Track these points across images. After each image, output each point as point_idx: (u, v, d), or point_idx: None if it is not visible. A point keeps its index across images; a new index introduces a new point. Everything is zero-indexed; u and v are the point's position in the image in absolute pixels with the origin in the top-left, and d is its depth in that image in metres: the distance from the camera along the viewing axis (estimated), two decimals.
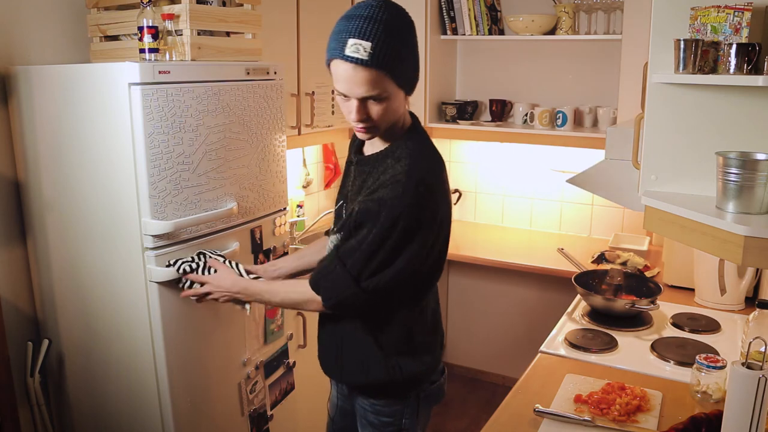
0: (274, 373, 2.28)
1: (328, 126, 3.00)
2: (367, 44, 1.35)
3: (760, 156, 1.37)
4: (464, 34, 3.34)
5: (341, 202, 1.66)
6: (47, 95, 1.86)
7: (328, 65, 1.43)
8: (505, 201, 3.61)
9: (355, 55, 1.36)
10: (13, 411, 1.89)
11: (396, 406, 1.65)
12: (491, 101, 3.39)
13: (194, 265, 1.80)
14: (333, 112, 3.03)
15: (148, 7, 1.81)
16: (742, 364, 1.24)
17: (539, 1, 3.29)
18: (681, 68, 1.42)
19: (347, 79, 1.39)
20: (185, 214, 1.85)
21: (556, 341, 2.05)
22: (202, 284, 1.78)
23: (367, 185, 1.53)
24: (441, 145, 2.29)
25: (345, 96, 1.43)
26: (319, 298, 1.55)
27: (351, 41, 1.36)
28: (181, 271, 1.79)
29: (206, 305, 1.88)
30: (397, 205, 1.43)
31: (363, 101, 1.42)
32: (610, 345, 1.99)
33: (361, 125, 1.47)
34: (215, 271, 1.78)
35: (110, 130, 1.76)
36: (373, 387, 1.65)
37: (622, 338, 2.05)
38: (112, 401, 1.97)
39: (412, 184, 1.44)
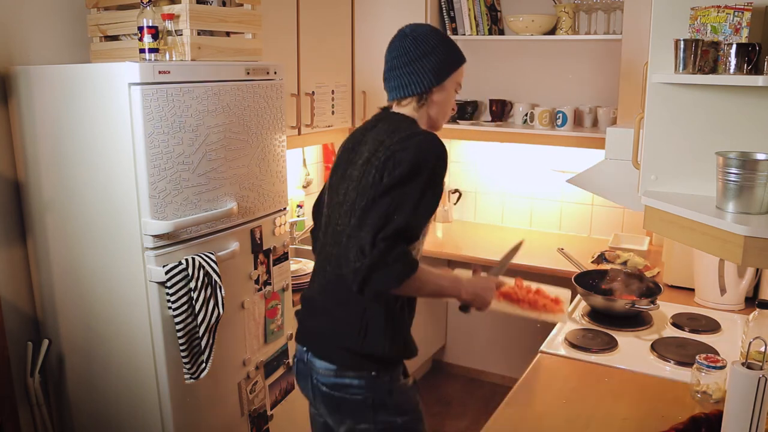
0: (274, 373, 2.28)
1: (328, 126, 3.00)
2: None
3: (760, 156, 1.37)
4: (464, 34, 3.33)
5: None
6: (47, 95, 1.86)
7: (452, 73, 1.75)
8: (505, 201, 3.61)
9: None
10: (13, 411, 1.89)
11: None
12: (491, 101, 3.39)
13: (189, 272, 1.80)
14: (333, 112, 3.03)
15: (148, 7, 1.81)
16: (742, 364, 1.24)
17: (539, 1, 3.29)
18: (681, 68, 1.42)
19: None
20: (185, 214, 1.85)
21: (556, 341, 2.05)
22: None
23: None
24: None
25: (459, 90, 1.81)
26: None
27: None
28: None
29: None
30: None
31: None
32: (610, 345, 1.99)
33: None
34: None
35: (110, 130, 1.76)
36: None
37: (622, 338, 2.05)
38: (112, 401, 1.97)
39: None
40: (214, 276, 1.87)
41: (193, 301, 1.82)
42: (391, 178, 1.55)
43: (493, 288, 1.75)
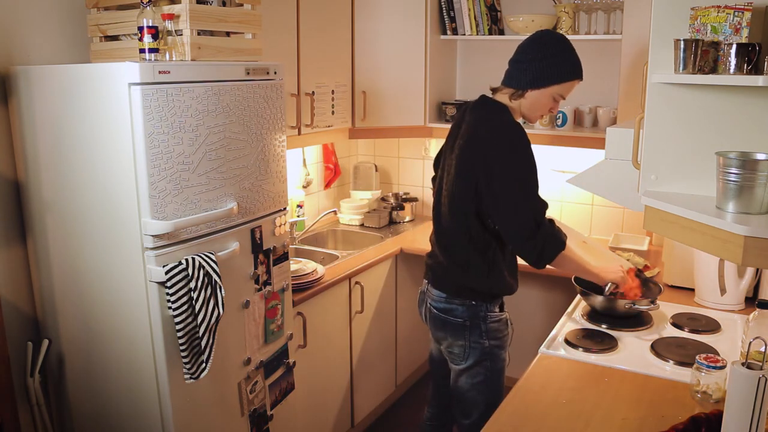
0: (274, 373, 2.28)
1: (328, 126, 3.00)
2: None
3: (760, 156, 1.37)
4: (464, 34, 3.33)
5: None
6: (47, 95, 1.86)
7: (552, 84, 2.04)
8: None
9: None
10: (13, 411, 1.89)
11: None
12: None
13: (189, 272, 1.80)
14: (333, 112, 3.03)
15: (148, 7, 1.81)
16: (742, 364, 1.24)
17: (539, 1, 3.29)
18: (681, 68, 1.42)
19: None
20: (185, 214, 1.85)
21: (556, 341, 2.05)
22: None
23: None
24: (441, 144, 2.29)
25: (561, 100, 2.10)
26: None
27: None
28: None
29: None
30: None
31: None
32: (610, 345, 1.99)
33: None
34: None
35: (110, 130, 1.76)
36: None
37: (622, 338, 2.05)
38: (112, 401, 1.97)
39: None
40: (214, 276, 1.87)
41: (193, 301, 1.82)
42: (504, 172, 1.96)
43: (625, 271, 2.22)
